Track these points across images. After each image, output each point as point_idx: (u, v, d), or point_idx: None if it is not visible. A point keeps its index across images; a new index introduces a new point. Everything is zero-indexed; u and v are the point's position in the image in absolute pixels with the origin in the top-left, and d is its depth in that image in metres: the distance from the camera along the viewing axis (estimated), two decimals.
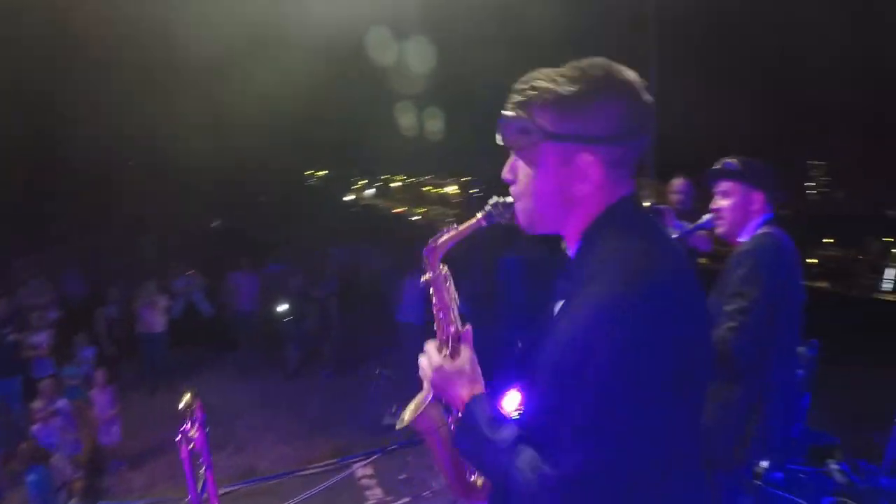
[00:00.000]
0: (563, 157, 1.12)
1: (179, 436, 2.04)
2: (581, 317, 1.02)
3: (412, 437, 5.17)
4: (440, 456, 1.37)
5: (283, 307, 9.60)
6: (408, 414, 1.36)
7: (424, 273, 1.36)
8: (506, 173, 1.23)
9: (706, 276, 1.94)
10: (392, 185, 67.15)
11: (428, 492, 3.73)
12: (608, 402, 0.98)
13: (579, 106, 1.10)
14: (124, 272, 11.16)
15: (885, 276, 37.00)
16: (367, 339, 10.39)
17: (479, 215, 1.31)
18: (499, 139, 1.19)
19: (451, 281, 1.37)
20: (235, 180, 23.57)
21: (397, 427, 1.39)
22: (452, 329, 1.32)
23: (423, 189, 65.20)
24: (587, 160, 1.11)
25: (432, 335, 1.36)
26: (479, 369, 1.27)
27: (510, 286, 9.48)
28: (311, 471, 3.70)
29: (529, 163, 1.16)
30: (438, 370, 1.28)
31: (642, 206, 1.19)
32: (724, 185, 2.54)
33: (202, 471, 2.20)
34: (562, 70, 1.12)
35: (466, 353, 1.29)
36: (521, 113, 1.14)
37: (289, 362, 9.48)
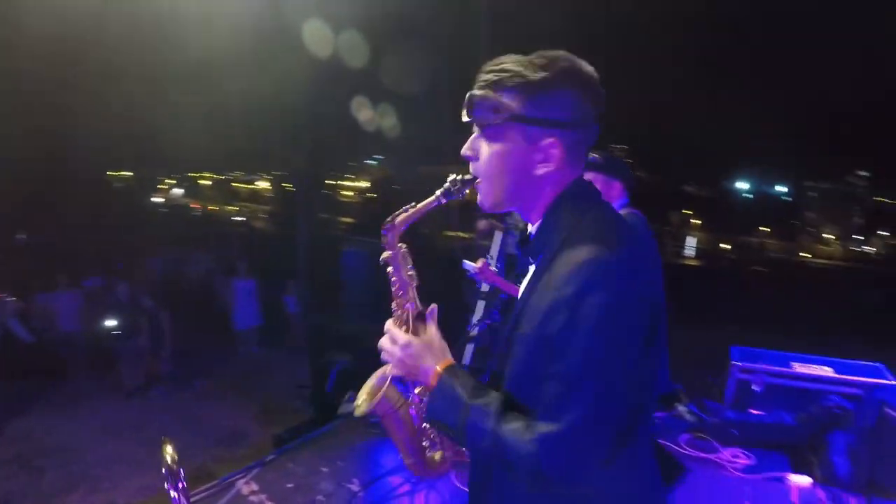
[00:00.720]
0: (527, 138, 1.19)
1: (176, 495, 1.75)
2: (563, 280, 1.07)
3: (283, 445, 4.98)
4: (400, 436, 1.38)
5: (110, 323, 8.81)
6: (364, 400, 1.35)
7: (384, 250, 1.35)
8: (466, 150, 1.27)
9: None
10: (200, 182, 63.60)
11: (320, 496, 3.59)
12: (598, 355, 1.05)
13: (545, 91, 1.17)
14: None
15: (687, 244, 42.05)
16: (200, 348, 9.95)
17: (437, 192, 1.30)
18: (465, 116, 1.23)
19: (410, 259, 1.36)
20: (35, 187, 21.03)
21: (356, 414, 1.37)
22: (412, 307, 1.33)
23: (234, 186, 62.79)
24: (550, 143, 1.19)
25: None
26: (445, 344, 1.28)
27: (353, 278, 9.57)
28: (195, 498, 3.41)
29: (494, 141, 1.22)
30: (406, 347, 1.26)
31: (591, 186, 1.28)
32: (588, 176, 2.90)
33: None
34: (530, 58, 1.19)
35: (432, 327, 1.30)
36: (490, 93, 1.19)
37: (125, 383, 8.75)
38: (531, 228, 1.29)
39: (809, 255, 49.51)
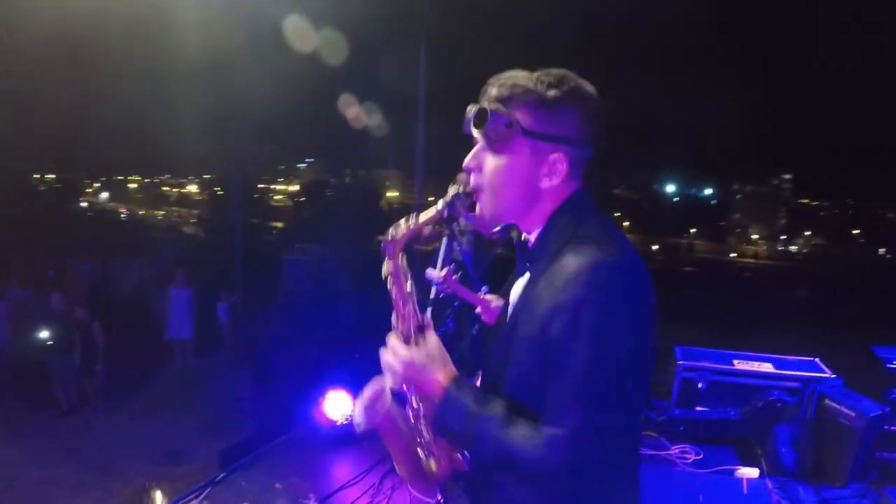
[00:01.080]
0: (535, 153, 1.23)
1: None
2: (562, 286, 1.11)
3: (230, 462, 4.84)
4: (397, 446, 1.40)
5: (40, 335, 8.37)
6: (362, 415, 1.37)
7: (384, 264, 1.32)
8: (469, 162, 1.29)
9: None
10: (129, 186, 61.37)
11: None
12: (600, 359, 1.08)
13: (555, 109, 1.21)
14: None
15: None
16: (135, 361, 9.62)
17: (439, 204, 1.29)
18: (473, 129, 1.25)
19: (410, 273, 1.33)
20: None
21: (358, 430, 1.38)
22: (413, 321, 1.31)
23: (163, 189, 60.90)
24: (557, 158, 1.23)
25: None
26: (447, 354, 1.29)
27: (298, 284, 9.47)
28: None
29: (500, 155, 1.25)
30: (409, 363, 1.27)
31: (589, 197, 1.32)
32: None
33: None
34: (538, 75, 1.23)
35: (433, 339, 1.29)
36: (502, 108, 1.22)
37: (59, 400, 8.36)
38: (526, 236, 1.33)
39: (737, 255, 51.64)
